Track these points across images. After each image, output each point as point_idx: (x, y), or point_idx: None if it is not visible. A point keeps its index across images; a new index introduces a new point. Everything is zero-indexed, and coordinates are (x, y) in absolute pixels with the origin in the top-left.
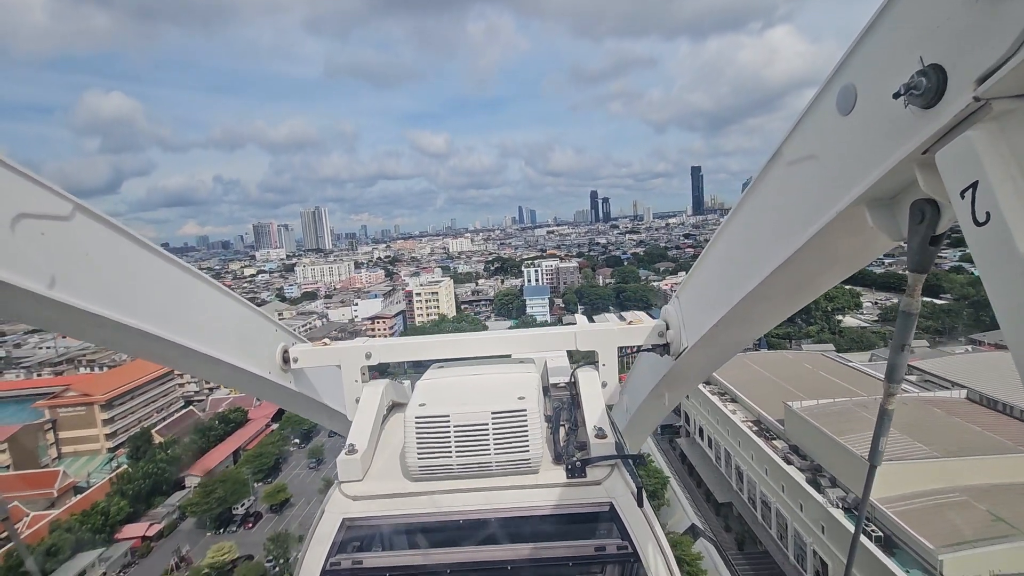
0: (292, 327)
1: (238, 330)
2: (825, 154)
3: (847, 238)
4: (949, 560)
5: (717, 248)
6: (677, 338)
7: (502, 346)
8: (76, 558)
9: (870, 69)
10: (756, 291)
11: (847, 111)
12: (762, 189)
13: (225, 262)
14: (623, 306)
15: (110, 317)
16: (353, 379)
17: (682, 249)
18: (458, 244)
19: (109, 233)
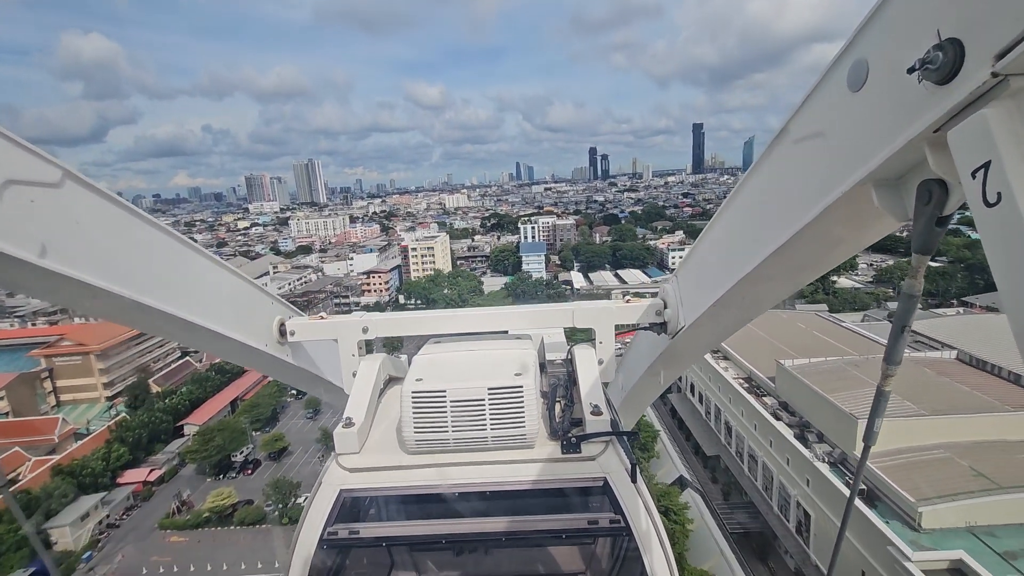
0: (288, 280)
1: (234, 302)
2: (833, 132)
3: (852, 219)
4: (928, 512)
5: (718, 227)
6: (675, 317)
7: (500, 322)
8: (79, 501)
9: (883, 43)
10: (756, 271)
11: (857, 87)
12: (766, 168)
13: (218, 214)
14: (619, 264)
15: (103, 287)
16: (350, 353)
17: (680, 208)
18: (454, 200)
19: (100, 201)
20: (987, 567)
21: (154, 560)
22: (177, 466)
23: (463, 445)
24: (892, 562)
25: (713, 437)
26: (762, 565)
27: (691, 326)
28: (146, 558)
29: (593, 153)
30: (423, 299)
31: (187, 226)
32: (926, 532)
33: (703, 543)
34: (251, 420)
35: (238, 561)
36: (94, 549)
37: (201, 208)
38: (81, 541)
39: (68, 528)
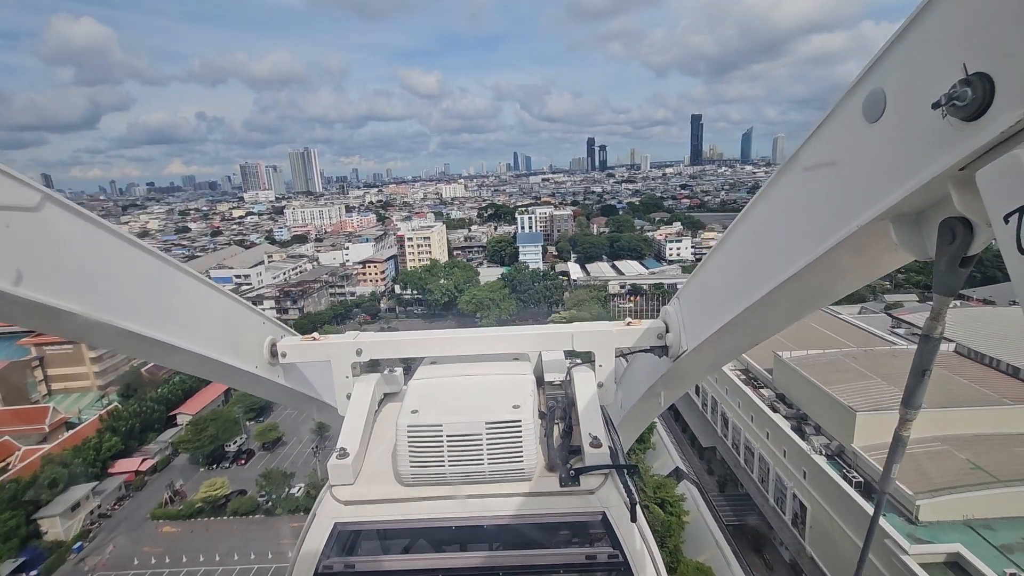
0: (282, 269)
1: (223, 324)
2: (847, 163)
3: (866, 252)
4: (925, 505)
5: (722, 252)
6: (676, 341)
7: (497, 345)
8: (69, 491)
9: (903, 74)
10: (763, 300)
11: (874, 118)
12: (775, 194)
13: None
14: (617, 255)
15: (83, 313)
16: (344, 375)
17: (678, 200)
18: (451, 190)
19: (82, 224)
20: (984, 560)
21: (146, 551)
22: (170, 456)
23: (460, 478)
24: (889, 555)
25: (709, 428)
26: (757, 557)
27: (694, 351)
28: (138, 548)
29: (591, 144)
30: (419, 288)
31: (181, 215)
32: (923, 525)
33: (699, 535)
34: (245, 410)
35: (231, 552)
36: (85, 539)
37: (196, 197)
38: (72, 531)
39: (58, 518)
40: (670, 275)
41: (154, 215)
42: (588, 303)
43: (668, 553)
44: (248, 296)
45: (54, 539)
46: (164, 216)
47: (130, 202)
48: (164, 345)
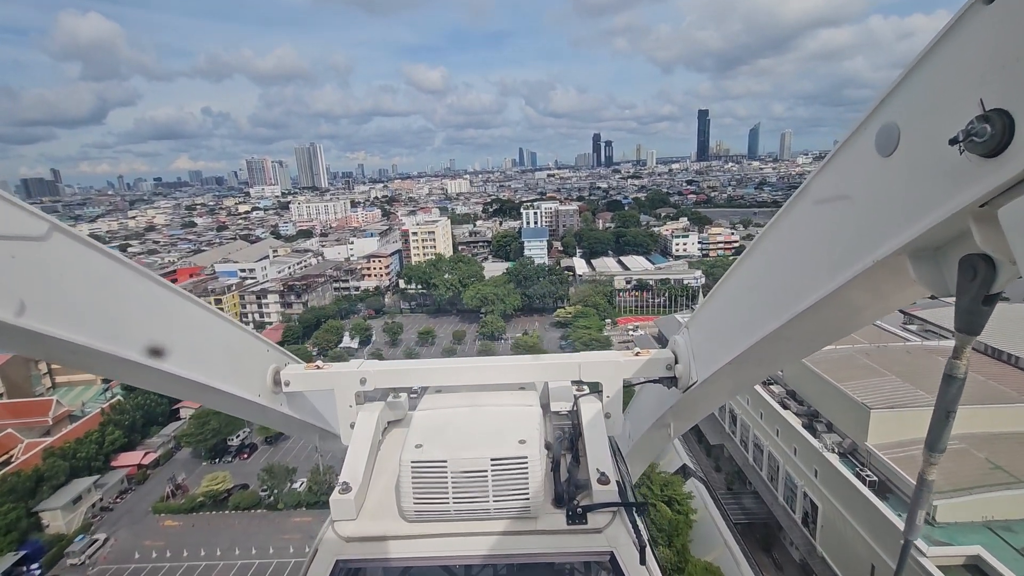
0: (287, 264)
1: (226, 352)
2: (861, 197)
3: (882, 287)
4: (944, 506)
5: (733, 283)
6: (686, 372)
7: (503, 375)
8: (71, 484)
9: (917, 109)
10: (775, 333)
11: (888, 152)
12: (786, 226)
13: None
14: (622, 251)
15: (85, 344)
16: (347, 404)
17: (684, 195)
18: (456, 185)
19: (87, 253)
20: (1005, 563)
21: (147, 544)
22: (172, 449)
23: (464, 515)
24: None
25: (717, 426)
26: (767, 557)
27: (704, 382)
28: (139, 542)
29: (597, 139)
30: (423, 283)
31: (188, 209)
32: (940, 526)
33: (707, 533)
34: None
35: (232, 547)
36: (86, 532)
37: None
38: (73, 524)
39: (60, 511)
40: (677, 271)
41: (161, 210)
42: (593, 298)
43: (676, 552)
44: (253, 290)
45: (55, 532)
46: (171, 211)
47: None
48: (167, 375)
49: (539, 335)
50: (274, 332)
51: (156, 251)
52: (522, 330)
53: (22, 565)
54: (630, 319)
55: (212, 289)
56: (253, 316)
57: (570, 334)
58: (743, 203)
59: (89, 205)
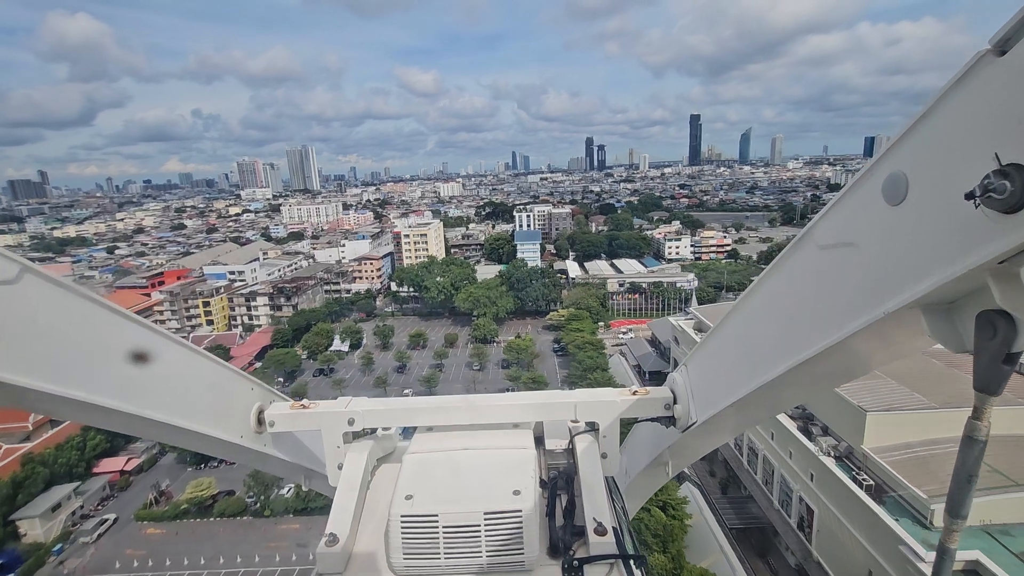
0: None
1: (207, 393)
2: (868, 245)
3: (893, 339)
4: (940, 510)
5: (734, 323)
6: (685, 413)
7: (496, 414)
8: (51, 491)
9: (926, 160)
10: (778, 379)
11: (896, 202)
12: (789, 270)
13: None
14: (615, 254)
15: (56, 392)
16: (335, 445)
17: (676, 199)
18: (449, 188)
19: (61, 294)
20: (1004, 568)
21: (128, 553)
22: (156, 455)
23: (456, 571)
24: (904, 562)
25: None
26: (762, 562)
27: (703, 423)
28: (120, 551)
29: (589, 143)
30: (415, 286)
31: (177, 212)
32: (938, 530)
33: (702, 539)
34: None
35: (216, 555)
36: (65, 542)
37: (192, 194)
38: (52, 533)
39: (38, 519)
40: (670, 273)
41: (150, 212)
42: (586, 300)
43: (671, 559)
44: (241, 292)
45: (33, 541)
46: (160, 213)
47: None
48: (143, 420)
49: (532, 338)
50: (263, 335)
51: (144, 253)
52: (515, 333)
53: None
54: (623, 322)
55: (200, 291)
56: (242, 319)
57: (563, 337)
58: (735, 207)
59: (77, 207)
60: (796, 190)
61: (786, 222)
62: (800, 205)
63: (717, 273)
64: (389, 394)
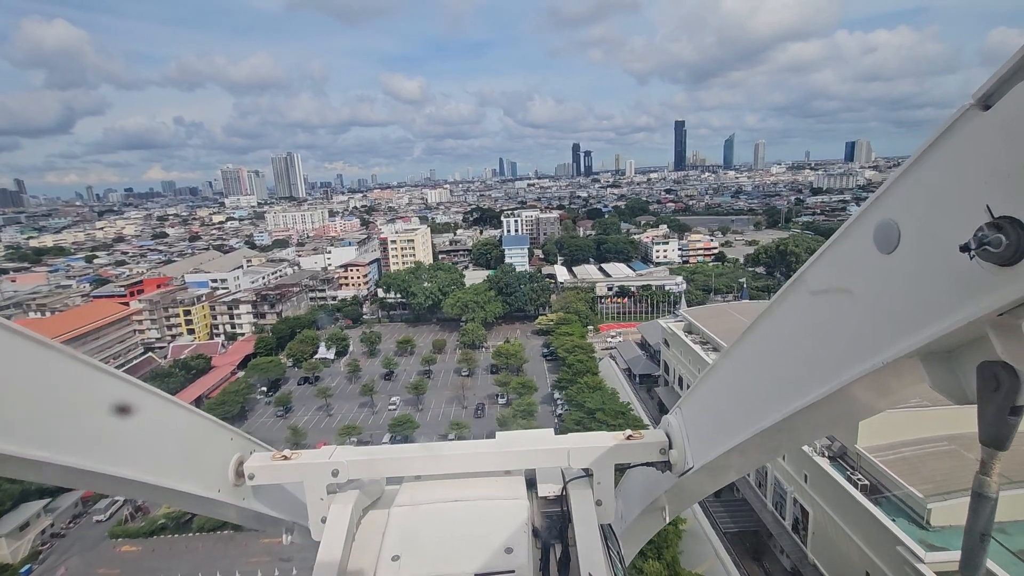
0: (261, 274)
1: (183, 446)
2: (862, 293)
3: (892, 386)
4: (937, 509)
5: (728, 367)
6: (681, 458)
7: (486, 462)
8: (19, 509)
9: (917, 210)
10: (776, 426)
11: (888, 250)
12: (783, 314)
13: (192, 208)
14: (603, 258)
15: (18, 455)
16: (318, 497)
17: (663, 204)
18: (437, 195)
19: (28, 346)
20: (1003, 567)
21: (101, 573)
22: None
23: None
24: (901, 563)
25: None
26: (756, 565)
27: (700, 468)
28: (92, 571)
29: (576, 149)
30: (402, 292)
31: (160, 220)
32: (935, 530)
33: (697, 544)
34: (220, 416)
35: (194, 573)
36: (35, 562)
37: (175, 202)
38: (20, 553)
39: (4, 539)
40: (658, 277)
41: (131, 220)
42: (575, 304)
43: (666, 565)
44: (224, 300)
45: (0, 562)
46: (141, 221)
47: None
48: (113, 479)
49: (521, 343)
50: (246, 343)
51: (124, 262)
52: (504, 338)
53: None
54: (612, 325)
55: (181, 300)
56: (224, 327)
57: (552, 341)
58: (720, 211)
59: (55, 216)
60: (780, 194)
61: (771, 225)
62: (784, 208)
63: (705, 276)
64: (376, 401)
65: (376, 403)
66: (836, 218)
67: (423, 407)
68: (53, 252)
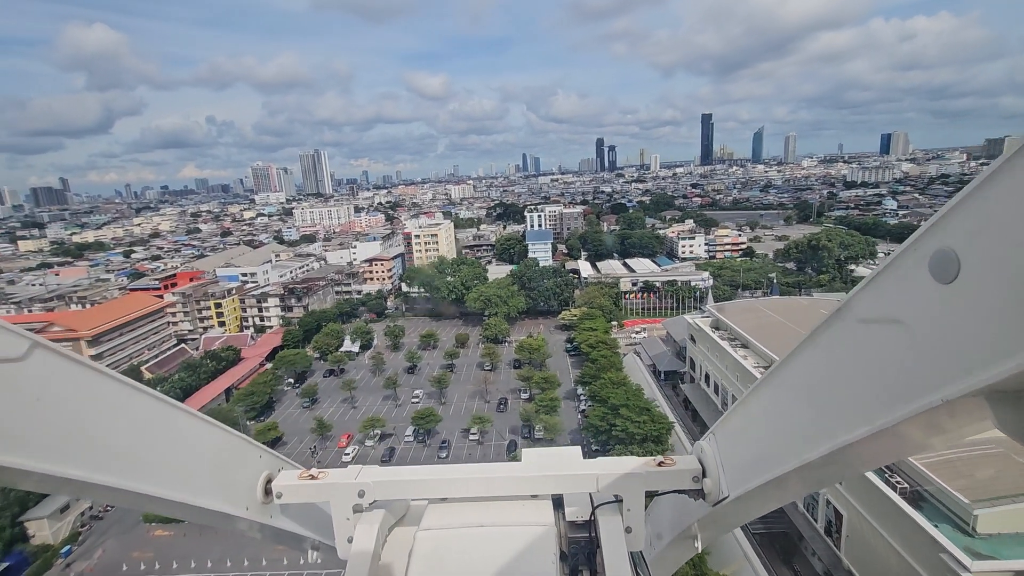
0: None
1: (213, 463)
2: (917, 324)
3: (951, 425)
4: (984, 515)
5: (767, 394)
6: (715, 488)
7: (514, 486)
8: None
9: (980, 239)
10: (822, 459)
11: (947, 280)
12: (828, 343)
13: (224, 205)
14: (628, 253)
15: (57, 475)
16: (344, 517)
17: (689, 198)
18: (460, 190)
19: (70, 368)
20: None
21: (135, 556)
22: None
23: None
24: (945, 571)
25: None
26: (787, 568)
27: (737, 499)
28: (127, 553)
29: (600, 144)
30: (426, 286)
31: (193, 216)
32: (982, 538)
33: (725, 545)
34: (246, 408)
35: (223, 558)
36: (74, 543)
37: (208, 199)
38: (60, 535)
39: (46, 521)
40: (684, 272)
41: (167, 217)
42: (599, 300)
43: (692, 566)
44: (253, 294)
45: (41, 543)
46: (176, 218)
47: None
48: (143, 496)
49: (544, 337)
50: (274, 336)
51: (160, 257)
52: (527, 333)
53: None
54: (636, 321)
55: (212, 293)
56: (253, 320)
57: (576, 336)
58: (749, 205)
59: (96, 213)
60: (811, 188)
61: (802, 220)
62: (816, 202)
63: (732, 271)
64: (399, 394)
65: (399, 396)
66: (871, 212)
67: (446, 400)
68: (94, 247)
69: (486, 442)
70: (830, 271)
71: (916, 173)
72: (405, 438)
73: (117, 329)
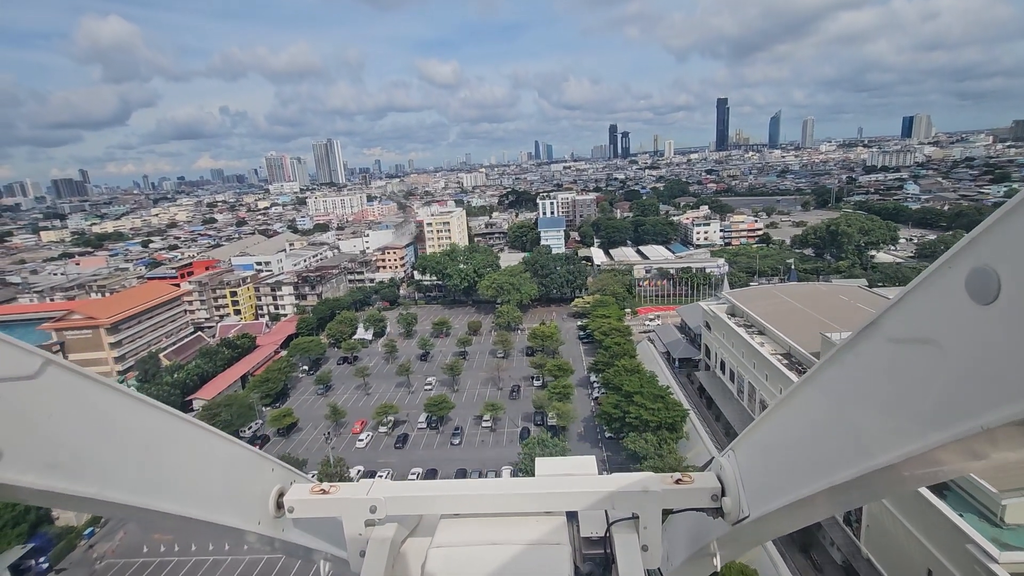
0: (303, 257)
1: (225, 478)
2: (953, 346)
3: (990, 450)
4: (1012, 505)
5: (790, 413)
6: (735, 506)
7: (527, 503)
8: None
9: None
10: (848, 483)
11: (985, 301)
12: (856, 362)
13: (239, 195)
14: (641, 240)
15: (68, 492)
16: (356, 532)
17: (704, 184)
18: (472, 179)
19: (83, 385)
20: None
21: (156, 538)
22: None
23: None
24: (971, 562)
25: (746, 417)
26: (804, 557)
27: (758, 519)
28: (148, 536)
29: (613, 131)
30: (438, 274)
31: (209, 206)
32: (1010, 528)
33: None
34: (261, 395)
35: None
36: (96, 525)
37: (223, 189)
38: (83, 517)
39: None
40: (698, 259)
41: (183, 207)
42: (612, 287)
43: None
44: (268, 282)
45: (65, 524)
46: (192, 208)
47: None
48: (156, 513)
49: (557, 325)
50: (288, 323)
51: (176, 246)
52: (539, 320)
53: (30, 559)
54: (650, 308)
55: (228, 281)
56: (268, 308)
57: (589, 323)
58: (765, 191)
59: (115, 204)
60: (830, 173)
61: (820, 205)
62: (834, 188)
63: (748, 258)
64: (412, 381)
65: (412, 383)
66: (892, 197)
67: (458, 388)
68: (113, 237)
69: (499, 429)
70: (849, 257)
71: (939, 157)
72: (418, 425)
73: (135, 317)
